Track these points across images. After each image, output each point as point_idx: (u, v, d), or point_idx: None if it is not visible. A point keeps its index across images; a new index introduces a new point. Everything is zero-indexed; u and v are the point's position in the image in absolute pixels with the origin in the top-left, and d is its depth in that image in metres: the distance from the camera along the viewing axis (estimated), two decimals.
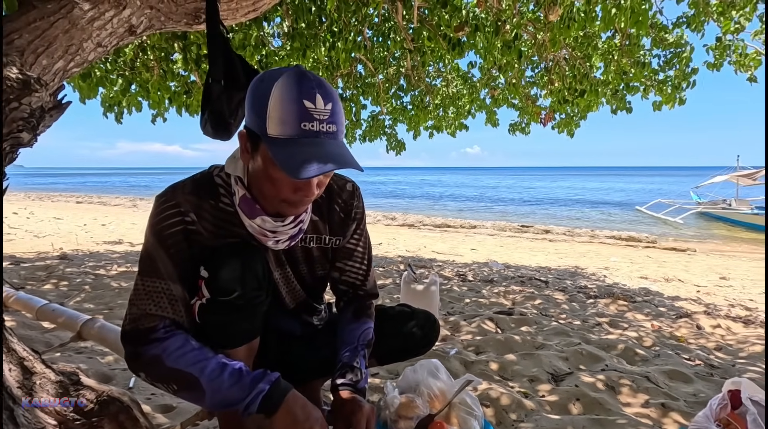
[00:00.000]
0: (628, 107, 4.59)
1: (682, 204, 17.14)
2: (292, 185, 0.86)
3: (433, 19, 3.65)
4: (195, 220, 0.93)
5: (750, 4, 3.53)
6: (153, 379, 0.89)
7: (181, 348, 0.86)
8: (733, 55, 4.14)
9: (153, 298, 0.89)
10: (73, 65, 1.26)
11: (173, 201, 0.92)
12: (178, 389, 0.86)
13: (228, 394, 0.83)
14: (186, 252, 0.93)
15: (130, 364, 0.90)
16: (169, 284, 0.90)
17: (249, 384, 0.84)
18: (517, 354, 2.11)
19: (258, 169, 0.87)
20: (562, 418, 1.49)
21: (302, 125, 0.80)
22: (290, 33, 3.72)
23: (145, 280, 0.91)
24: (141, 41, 3.66)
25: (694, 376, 1.95)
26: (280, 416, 0.83)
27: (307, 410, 0.86)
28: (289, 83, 0.80)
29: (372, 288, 1.19)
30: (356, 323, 1.12)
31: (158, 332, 0.87)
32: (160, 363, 0.85)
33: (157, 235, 0.92)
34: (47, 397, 0.98)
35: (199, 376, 0.83)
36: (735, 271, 6.65)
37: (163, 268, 0.91)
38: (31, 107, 1.03)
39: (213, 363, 0.85)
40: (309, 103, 0.80)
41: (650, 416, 1.54)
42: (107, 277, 3.39)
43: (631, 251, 9.10)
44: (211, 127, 1.57)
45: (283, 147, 0.79)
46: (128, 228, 8.36)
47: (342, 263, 1.14)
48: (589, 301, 3.77)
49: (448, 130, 5.76)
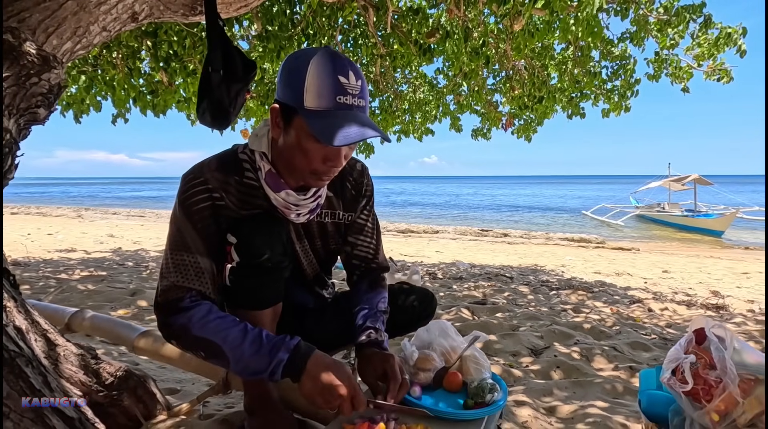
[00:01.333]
0: (582, 113, 4.98)
1: (623, 208, 18.50)
2: (322, 156, 0.92)
3: (404, 25, 3.82)
4: (223, 196, 0.97)
5: (683, 23, 3.97)
6: (183, 346, 0.93)
7: (205, 317, 0.89)
8: (669, 68, 4.62)
9: (181, 271, 0.93)
10: (80, 47, 1.26)
11: (201, 178, 0.96)
12: (206, 356, 0.89)
13: (250, 362, 0.85)
14: (213, 226, 0.97)
15: (163, 333, 0.94)
16: (197, 257, 0.94)
17: (269, 352, 0.85)
18: (497, 335, 2.25)
19: (290, 142, 0.93)
20: (547, 382, 1.64)
21: (337, 98, 0.87)
22: (263, 35, 3.75)
23: (174, 254, 0.94)
24: None
25: (652, 345, 2.17)
26: (305, 383, 0.85)
27: (331, 372, 0.85)
28: (324, 60, 0.87)
29: (383, 261, 1.27)
30: (372, 292, 1.19)
31: (185, 302, 0.91)
32: (187, 331, 0.88)
33: (185, 212, 0.95)
34: (71, 368, 0.98)
35: (222, 345, 0.86)
36: (674, 265, 7.29)
37: (191, 242, 0.94)
38: (50, 83, 1.04)
39: (235, 331, 0.87)
40: (343, 79, 0.87)
41: (620, 377, 1.72)
42: (72, 280, 3.22)
43: (584, 251, 9.70)
44: (210, 116, 1.59)
45: (321, 118, 0.86)
46: (78, 237, 7.87)
47: (354, 238, 1.22)
48: (552, 292, 4.02)
49: (415, 134, 5.94)
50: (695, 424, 0.97)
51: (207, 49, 1.61)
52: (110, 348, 1.80)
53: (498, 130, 5.94)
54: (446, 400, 1.01)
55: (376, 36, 4.04)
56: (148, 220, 15.57)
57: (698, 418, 0.97)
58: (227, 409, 1.27)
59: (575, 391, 1.59)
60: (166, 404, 1.19)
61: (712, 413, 0.95)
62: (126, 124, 4.70)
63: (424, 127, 5.90)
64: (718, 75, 4.29)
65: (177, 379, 1.53)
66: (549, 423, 1.33)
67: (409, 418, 0.93)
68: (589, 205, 23.84)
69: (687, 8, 3.88)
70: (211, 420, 1.16)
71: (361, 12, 3.84)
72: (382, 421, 0.89)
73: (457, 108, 5.66)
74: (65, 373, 0.96)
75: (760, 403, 0.93)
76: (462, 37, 3.35)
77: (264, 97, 4.63)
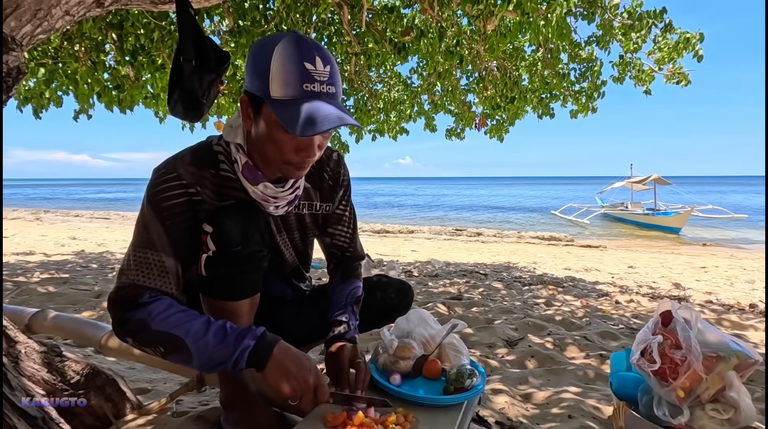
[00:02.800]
0: (552, 113, 5.12)
1: (589, 207, 19.23)
2: (295, 146, 0.89)
3: (379, 24, 3.82)
4: (198, 190, 0.93)
5: (646, 28, 4.16)
6: (140, 343, 0.86)
7: (166, 310, 0.85)
8: (632, 71, 4.82)
9: (143, 270, 0.88)
10: (40, 31, 1.20)
11: (174, 173, 0.92)
12: (166, 352, 0.84)
13: (214, 353, 0.81)
14: (184, 224, 0.92)
15: (117, 330, 0.88)
16: (162, 256, 0.89)
17: (234, 341, 0.82)
18: (473, 328, 2.28)
19: (261, 133, 0.90)
20: (522, 371, 1.67)
21: (304, 86, 0.84)
22: (235, 30, 3.68)
23: (137, 251, 0.89)
24: (67, 30, 3.40)
25: (621, 334, 2.26)
26: (270, 370, 0.82)
27: (298, 361, 0.84)
28: (290, 46, 0.84)
29: (358, 250, 1.27)
30: (344, 284, 1.19)
31: (144, 297, 0.86)
32: (146, 326, 0.83)
33: (154, 207, 0.90)
34: (33, 366, 0.93)
35: (185, 337, 0.81)
36: (639, 261, 7.60)
37: (157, 239, 0.90)
38: (8, 66, 0.98)
39: (198, 323, 0.83)
40: (309, 65, 0.84)
41: (592, 364, 1.78)
42: (31, 283, 3.05)
43: (554, 248, 9.99)
44: (182, 107, 1.55)
45: (287, 107, 0.83)
46: (37, 239, 7.46)
47: (333, 228, 1.21)
48: (525, 287, 4.12)
49: (390, 133, 5.96)
50: (663, 401, 1.02)
51: (178, 38, 1.57)
52: (75, 350, 1.71)
53: (471, 130, 6.04)
54: (426, 387, 1.02)
55: (350, 34, 4.03)
56: (113, 223, 14.95)
57: (665, 396, 1.01)
58: (202, 406, 1.24)
59: (549, 378, 1.63)
60: (137, 403, 1.14)
61: (678, 390, 0.99)
62: (89, 120, 4.52)
63: (398, 126, 5.92)
64: (677, 78, 4.51)
65: (148, 379, 1.47)
66: (525, 409, 1.35)
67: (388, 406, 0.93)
68: (558, 205, 24.57)
69: (649, 13, 4.07)
70: (185, 417, 1.12)
71: (336, 9, 3.83)
72: (360, 410, 0.89)
73: (432, 108, 5.72)
74: (27, 371, 0.91)
75: (722, 379, 0.99)
76: (436, 36, 3.39)
77: (236, 94, 4.54)
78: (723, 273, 6.29)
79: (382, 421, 0.86)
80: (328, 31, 4.30)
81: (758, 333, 2.56)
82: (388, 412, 0.90)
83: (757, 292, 4.63)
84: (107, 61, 3.67)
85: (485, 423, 1.23)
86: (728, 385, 0.98)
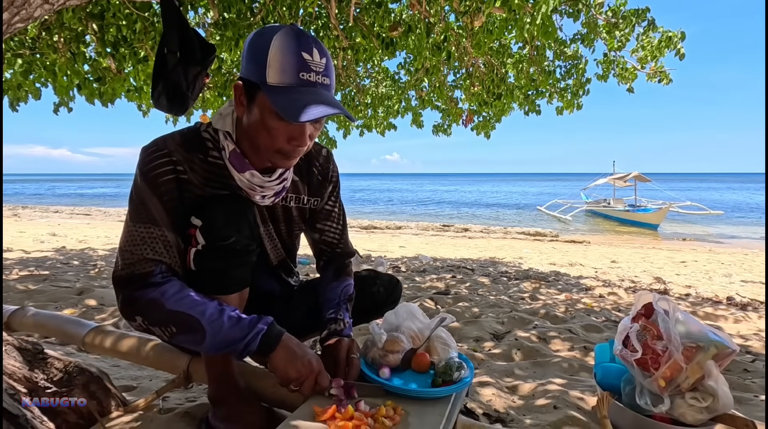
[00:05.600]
0: (538, 110, 5.17)
1: (573, 203, 19.60)
2: (287, 134, 0.90)
3: (366, 18, 3.80)
4: (186, 170, 0.93)
5: (629, 26, 4.23)
6: (150, 322, 0.87)
7: (180, 292, 0.87)
8: (616, 69, 4.90)
9: (149, 244, 0.88)
10: (18, 20, 1.16)
11: (164, 150, 0.92)
12: (177, 332, 0.86)
13: (228, 334, 0.85)
14: (178, 200, 0.93)
15: (126, 309, 0.88)
16: (164, 231, 0.90)
17: (248, 325, 0.87)
18: (460, 322, 2.30)
19: (254, 120, 0.90)
20: (508, 363, 1.70)
21: (300, 75, 0.85)
22: (220, 23, 3.61)
23: (138, 226, 0.89)
24: (45, 19, 3.30)
25: (604, 327, 2.31)
26: (279, 353, 0.88)
27: (303, 348, 0.92)
28: (288, 36, 0.86)
29: (348, 246, 1.27)
30: (336, 282, 1.19)
31: (155, 277, 0.87)
32: (160, 306, 0.85)
33: (150, 183, 0.90)
34: (14, 364, 0.91)
35: (200, 318, 0.85)
36: (621, 256, 7.76)
37: (157, 215, 0.90)
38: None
39: (212, 306, 0.87)
40: (307, 56, 0.86)
41: (576, 356, 1.81)
42: (9, 280, 2.97)
43: (539, 244, 10.13)
44: (167, 100, 1.52)
45: (283, 94, 0.84)
46: (15, 236, 7.25)
47: (322, 224, 1.21)
48: (511, 282, 4.17)
49: (377, 129, 5.95)
50: (645, 391, 1.04)
51: (162, 29, 1.53)
52: (57, 348, 1.68)
53: (458, 126, 6.06)
54: (415, 379, 1.02)
55: (338, 28, 4.00)
56: (94, 219, 14.63)
57: (648, 385, 1.04)
58: (189, 402, 1.22)
59: (535, 370, 1.66)
60: (122, 400, 1.13)
61: (660, 380, 1.02)
62: (70, 114, 4.40)
63: (386, 121, 5.92)
64: (659, 77, 4.60)
65: (133, 376, 1.45)
66: (512, 400, 1.38)
67: (378, 399, 0.94)
68: (544, 201, 24.91)
69: (633, 12, 4.13)
70: (171, 414, 1.11)
71: (323, 3, 3.79)
72: (350, 404, 0.89)
73: (419, 104, 5.72)
74: (7, 369, 0.89)
75: (701, 369, 1.02)
76: (424, 32, 3.39)
77: (222, 87, 4.47)
78: (702, 267, 6.47)
79: (372, 415, 0.87)
80: (315, 25, 4.26)
81: (734, 324, 2.64)
82: (377, 404, 0.90)
83: (734, 285, 4.78)
84: (88, 53, 3.57)
85: (473, 415, 1.25)
86: (707, 374, 1.01)
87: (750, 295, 3.95)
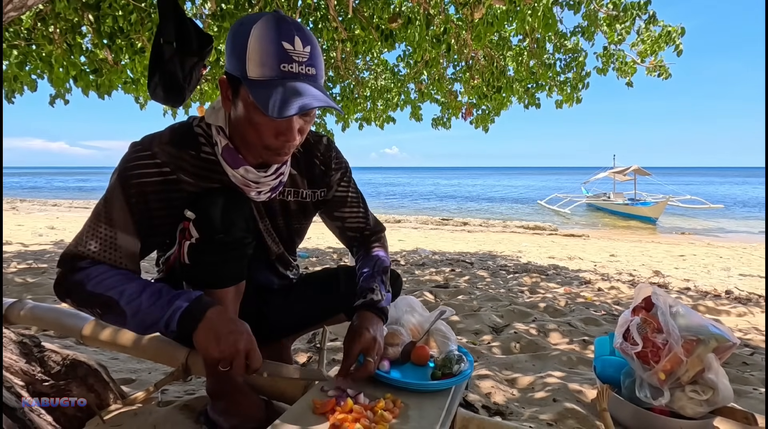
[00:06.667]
0: (537, 103, 5.15)
1: (573, 197, 19.61)
2: (273, 130, 0.86)
3: (365, 10, 3.76)
4: (174, 170, 0.91)
5: (630, 19, 4.19)
6: (77, 303, 0.87)
7: (103, 274, 0.85)
8: (616, 63, 4.86)
9: (94, 240, 0.87)
10: (11, 8, 1.14)
11: (149, 151, 0.89)
12: (102, 313, 0.85)
13: (147, 313, 0.82)
14: (154, 204, 0.90)
15: (57, 289, 0.88)
16: (116, 233, 0.87)
17: (167, 302, 0.82)
18: (459, 315, 2.30)
19: (240, 116, 0.88)
20: (508, 356, 1.70)
21: (281, 67, 0.81)
22: (217, 14, 3.57)
23: (92, 222, 0.88)
24: (40, 10, 3.26)
25: (603, 320, 2.31)
26: (200, 332, 0.81)
27: (230, 325, 0.83)
28: (268, 25, 0.81)
29: (376, 225, 1.26)
30: (369, 255, 1.17)
31: (84, 261, 0.86)
32: (82, 287, 0.84)
33: (122, 183, 0.88)
34: (11, 357, 0.91)
35: (118, 299, 0.82)
36: (620, 250, 7.78)
37: (116, 215, 0.87)
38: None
39: (133, 286, 0.84)
40: (288, 45, 0.81)
41: (575, 349, 1.82)
42: (8, 273, 2.97)
43: (538, 238, 10.14)
44: (163, 91, 1.50)
45: (263, 88, 0.80)
46: (13, 229, 7.24)
47: (339, 212, 1.19)
48: (510, 276, 4.17)
49: (377, 122, 5.91)
50: (644, 384, 1.04)
51: (158, 19, 1.51)
52: (55, 341, 1.67)
53: (458, 119, 6.04)
54: (415, 372, 1.02)
55: (337, 20, 3.96)
56: None
57: (647, 378, 1.04)
58: (188, 395, 1.22)
59: (534, 363, 1.66)
60: (120, 393, 1.12)
61: (660, 373, 1.02)
62: (66, 106, 4.37)
63: (385, 114, 5.88)
64: (658, 71, 4.57)
65: (131, 369, 1.45)
66: (511, 393, 1.38)
67: (377, 392, 0.93)
68: (543, 195, 24.90)
69: (634, 5, 4.09)
70: (170, 407, 1.10)
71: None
72: (350, 397, 0.89)
73: (419, 96, 5.69)
74: (5, 361, 0.88)
75: (701, 362, 1.01)
76: (423, 23, 3.35)
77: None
78: (700, 261, 6.49)
79: (371, 407, 0.87)
80: (314, 16, 4.22)
81: (734, 318, 2.65)
82: (377, 396, 0.90)
83: (732, 279, 4.79)
84: (84, 44, 3.54)
85: (472, 407, 1.25)
86: (707, 367, 1.01)
87: (748, 289, 3.96)
